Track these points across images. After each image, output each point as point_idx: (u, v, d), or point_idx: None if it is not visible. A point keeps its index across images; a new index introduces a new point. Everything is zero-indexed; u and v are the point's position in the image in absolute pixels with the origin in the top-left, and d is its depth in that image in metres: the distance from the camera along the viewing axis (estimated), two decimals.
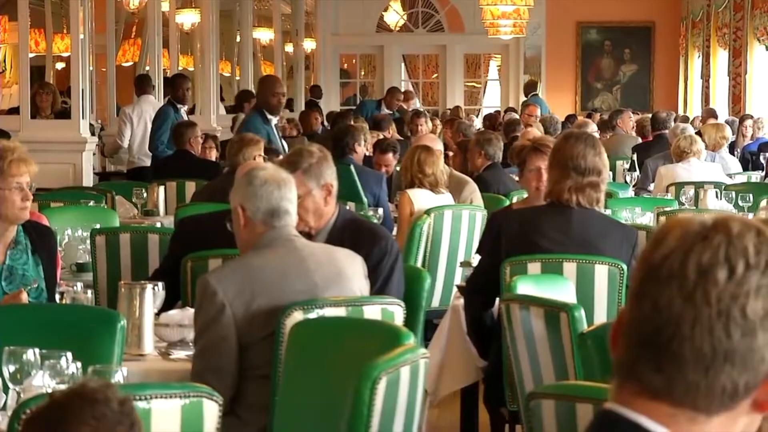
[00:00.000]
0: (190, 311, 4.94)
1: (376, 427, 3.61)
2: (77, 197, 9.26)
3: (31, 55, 12.74)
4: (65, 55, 15.42)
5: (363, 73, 27.32)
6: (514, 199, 9.17)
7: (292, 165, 5.47)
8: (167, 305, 5.30)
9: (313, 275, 4.72)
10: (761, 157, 14.31)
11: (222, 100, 19.20)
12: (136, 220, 9.41)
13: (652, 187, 11.30)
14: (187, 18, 18.98)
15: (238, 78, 20.65)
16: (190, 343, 4.86)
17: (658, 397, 1.77)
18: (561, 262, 5.72)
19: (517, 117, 16.75)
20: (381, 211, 8.73)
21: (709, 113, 17.39)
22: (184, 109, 13.17)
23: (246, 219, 4.76)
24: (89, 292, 5.48)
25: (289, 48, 23.64)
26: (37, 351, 3.96)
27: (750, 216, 2.19)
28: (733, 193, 9.79)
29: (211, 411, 3.41)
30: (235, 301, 4.57)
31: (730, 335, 1.73)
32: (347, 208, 5.94)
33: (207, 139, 11.78)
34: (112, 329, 4.49)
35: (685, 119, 17.84)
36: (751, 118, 15.95)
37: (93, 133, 12.47)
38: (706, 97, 21.73)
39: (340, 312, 4.69)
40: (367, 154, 10.53)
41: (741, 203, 9.37)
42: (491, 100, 26.52)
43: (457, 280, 7.90)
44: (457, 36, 26.31)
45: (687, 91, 24.20)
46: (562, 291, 5.39)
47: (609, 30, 25.85)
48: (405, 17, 26.70)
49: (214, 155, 11.73)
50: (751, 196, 9.56)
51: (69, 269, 6.99)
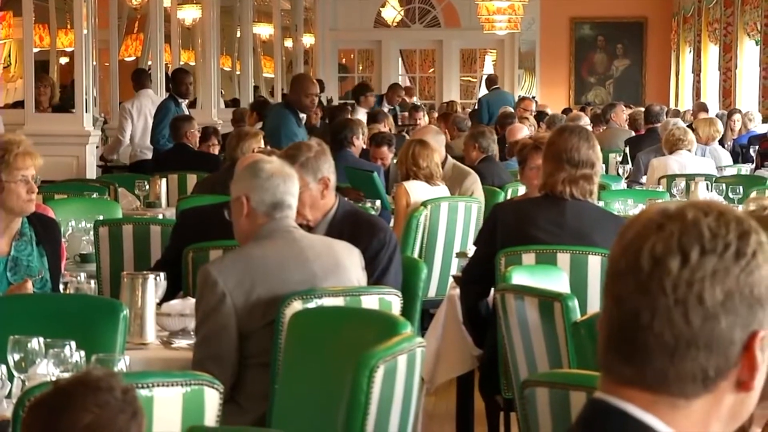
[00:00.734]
0: (191, 301, 4.94)
1: (374, 415, 3.61)
2: (81, 189, 9.26)
3: (35, 50, 12.72)
4: (69, 50, 15.37)
5: (361, 67, 27.32)
6: (509, 191, 9.19)
7: (291, 158, 5.47)
8: (169, 295, 5.30)
9: (312, 265, 4.73)
10: (751, 150, 14.33)
11: (221, 94, 19.19)
12: (138, 212, 9.42)
13: (644, 179, 11.31)
14: (189, 13, 18.96)
15: (238, 72, 20.62)
16: (192, 333, 4.86)
17: (635, 386, 1.76)
18: (555, 252, 5.73)
19: (512, 111, 16.74)
20: (378, 202, 8.73)
21: (700, 107, 17.38)
22: (184, 104, 13.15)
23: (249, 209, 4.76)
24: (92, 282, 5.48)
25: (288, 43, 23.62)
26: (41, 340, 3.96)
27: (739, 207, 2.18)
28: (724, 185, 9.80)
29: (212, 399, 3.41)
30: (235, 291, 4.57)
31: (689, 322, 1.72)
32: (346, 200, 5.93)
33: (209, 136, 11.74)
34: (114, 319, 4.49)
35: (676, 113, 17.85)
36: (739, 112, 15.96)
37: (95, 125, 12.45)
38: (697, 92, 21.74)
39: (339, 302, 4.69)
40: (364, 147, 10.53)
41: (731, 195, 9.39)
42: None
43: (453, 270, 7.91)
44: (453, 31, 26.30)
45: (678, 85, 24.21)
46: (556, 281, 5.39)
47: (602, 25, 25.85)
48: (402, 13, 26.70)
49: (217, 151, 11.70)
50: (741, 188, 9.58)
51: (73, 260, 6.99)
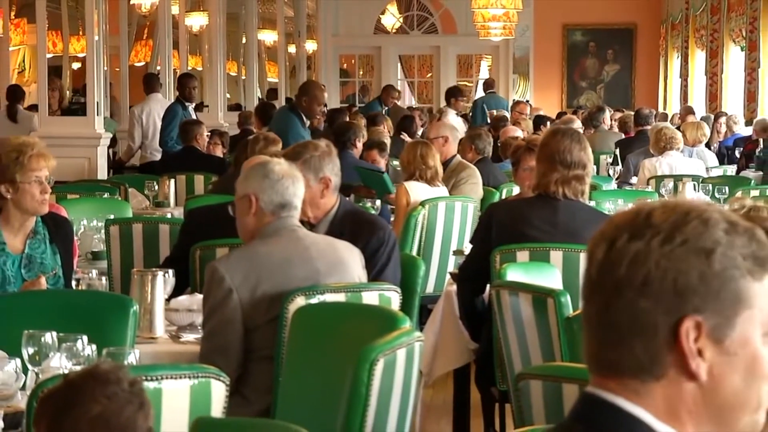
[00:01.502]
0: (199, 297, 4.94)
1: (374, 406, 3.61)
2: (92, 189, 9.27)
3: (48, 55, 12.71)
4: (81, 55, 15.37)
5: (362, 72, 27.31)
6: (504, 192, 9.20)
7: (295, 155, 5.48)
8: (177, 291, 5.30)
9: (316, 263, 4.73)
10: (736, 152, 14.34)
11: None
12: (147, 211, 9.41)
13: (634, 179, 11.31)
14: (196, 20, 18.94)
15: (243, 77, 20.63)
16: (199, 327, 4.86)
17: (603, 374, 1.76)
18: (548, 250, 5.73)
19: (506, 113, 16.76)
20: (378, 202, 8.77)
21: (688, 110, 17.39)
22: (191, 107, 13.16)
23: (257, 208, 4.75)
24: (104, 278, 5.48)
25: (291, 49, 23.61)
26: (54, 334, 3.96)
27: (725, 207, 2.17)
28: (710, 185, 9.81)
29: (218, 391, 3.41)
30: (241, 287, 4.57)
31: (609, 305, 1.71)
32: (347, 199, 5.94)
33: (213, 136, 11.77)
34: (125, 314, 4.49)
35: (665, 116, 17.86)
36: (726, 115, 15.96)
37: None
38: (684, 95, 21.73)
39: (340, 297, 4.69)
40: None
41: (717, 195, 9.39)
42: None
43: (450, 267, 7.90)
44: (450, 37, 26.29)
45: (666, 89, 24.20)
46: (549, 278, 5.39)
47: (593, 32, 25.84)
48: (401, 20, 26.69)
49: (219, 151, 11.72)
50: (726, 188, 9.58)
51: (85, 257, 6.98)
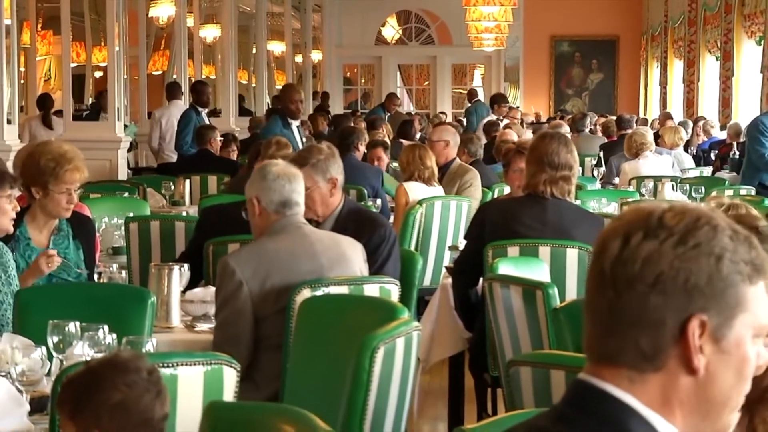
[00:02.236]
0: (212, 289, 4.93)
1: (375, 391, 3.60)
2: (113, 189, 9.26)
3: (72, 65, 12.73)
4: (103, 65, 15.37)
5: (363, 80, 27.30)
6: (496, 191, 9.19)
7: (303, 160, 5.47)
8: (192, 284, 5.29)
9: (320, 257, 4.72)
10: (712, 154, 14.33)
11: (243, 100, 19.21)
12: (164, 210, 9.40)
13: (616, 180, 11.31)
14: (210, 32, 18.95)
15: (254, 85, 20.62)
16: (212, 317, 4.85)
17: (600, 362, 1.75)
18: (537, 246, 5.72)
19: (496, 119, 16.77)
20: (379, 201, 8.82)
21: (666, 116, 17.38)
22: (204, 112, 13.15)
23: (261, 209, 4.75)
24: (123, 272, 5.47)
25: (298, 59, 23.61)
26: (77, 324, 3.95)
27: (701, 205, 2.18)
28: (688, 185, 9.81)
29: (230, 377, 3.40)
30: (251, 280, 4.56)
31: (620, 299, 1.70)
32: (351, 198, 5.93)
33: (229, 143, 11.75)
34: (143, 305, 4.48)
35: (645, 122, 17.84)
36: (705, 119, 15.97)
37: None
38: (663, 102, 21.73)
39: (343, 290, 4.68)
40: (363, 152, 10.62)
41: (694, 194, 9.38)
42: None
43: (446, 261, 7.89)
44: (446, 48, 26.29)
45: (647, 96, 24.19)
46: (538, 272, 5.38)
47: (579, 43, 25.83)
48: (400, 31, 26.68)
49: (234, 156, 11.71)
50: (702, 188, 9.59)
51: (106, 252, 6.97)
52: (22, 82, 17.94)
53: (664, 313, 1.69)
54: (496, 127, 15.14)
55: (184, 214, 8.54)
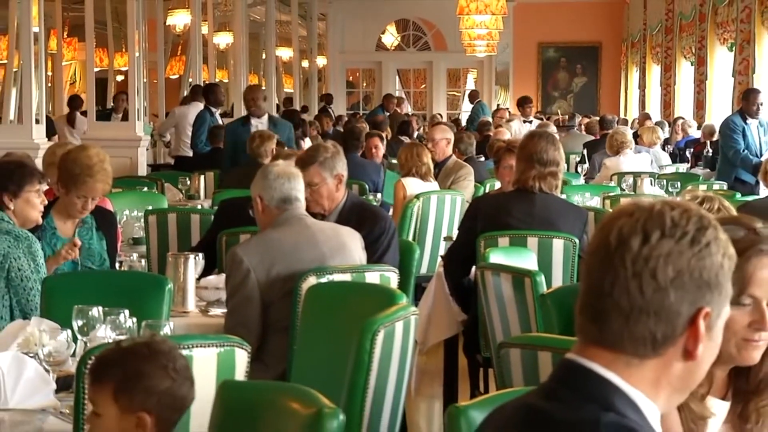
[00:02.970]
0: (225, 276, 4.92)
1: (375, 371, 3.59)
2: (133, 184, 9.25)
3: (96, 69, 12.70)
4: (124, 69, 15.37)
5: (365, 84, 27.27)
6: (487, 186, 9.19)
7: (311, 158, 5.46)
8: (206, 271, 5.28)
9: (322, 246, 4.72)
10: (687, 152, 14.32)
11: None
12: (181, 203, 9.40)
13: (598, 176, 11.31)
14: (223, 39, 18.92)
15: (264, 88, 20.58)
16: (225, 303, 4.84)
17: (598, 344, 1.75)
18: (525, 237, 5.72)
19: (489, 120, 16.76)
20: (379, 195, 8.84)
21: (645, 116, 17.37)
22: (218, 113, 13.13)
23: (263, 206, 4.76)
24: (143, 261, 5.47)
25: (305, 63, 23.57)
26: (100, 309, 3.94)
27: (677, 199, 2.18)
28: (665, 180, 9.81)
29: (241, 358, 3.39)
30: (257, 268, 4.56)
31: (643, 292, 1.71)
32: (354, 193, 5.91)
33: None
34: (161, 291, 4.47)
35: (625, 122, 17.83)
36: (683, 119, 15.96)
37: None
38: (642, 104, 21.72)
39: (346, 277, 4.68)
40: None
41: (671, 189, 9.38)
42: (469, 106, 26.47)
43: (441, 251, 7.88)
44: (441, 54, 26.26)
45: (627, 98, 24.18)
46: (526, 260, 5.38)
47: (564, 49, 25.80)
48: (399, 38, 26.65)
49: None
50: (678, 183, 9.59)
51: (127, 242, 6.97)
52: (50, 85, 17.94)
53: (680, 306, 1.72)
54: (489, 126, 15.12)
55: (199, 207, 8.54)
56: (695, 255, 1.72)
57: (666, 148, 14.13)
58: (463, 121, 21.32)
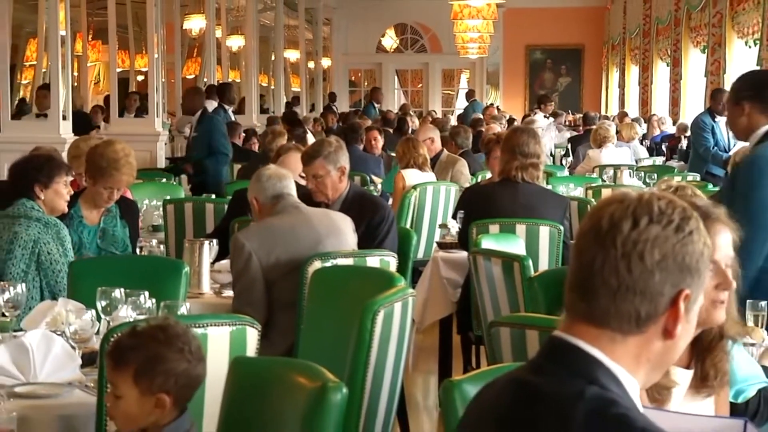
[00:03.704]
0: None
1: (376, 349, 3.59)
2: (153, 176, 9.25)
3: (118, 70, 12.66)
4: (144, 70, 15.34)
5: (366, 83, 27.22)
6: (480, 177, 9.18)
7: (316, 152, 5.46)
8: (220, 256, 5.28)
9: (317, 227, 4.75)
10: (663, 147, 14.31)
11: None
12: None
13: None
14: (235, 42, 18.88)
15: (272, 87, 20.57)
16: None
17: (585, 320, 1.75)
18: (514, 224, 5.73)
19: (481, 117, 16.73)
20: (380, 186, 8.84)
21: (624, 114, 17.36)
22: (231, 110, 13.09)
23: (260, 206, 4.82)
24: (161, 246, 5.47)
25: (310, 64, 23.54)
26: (122, 290, 3.94)
27: (654, 189, 2.21)
28: (643, 172, 9.81)
29: (252, 336, 3.39)
30: (258, 250, 4.58)
31: (630, 272, 1.71)
32: (356, 184, 5.91)
33: (251, 136, 11.72)
34: (178, 274, 4.47)
35: (606, 118, 17.80)
36: (657, 116, 15.94)
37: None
38: (621, 101, 21.69)
39: (349, 261, 4.68)
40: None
41: (648, 180, 9.38)
42: (462, 104, 26.45)
43: (437, 237, 7.87)
44: (437, 56, 26.22)
45: (608, 96, 24.16)
46: (515, 246, 5.38)
47: (550, 51, 25.76)
48: (397, 41, 26.61)
49: (256, 147, 11.69)
50: (655, 175, 9.59)
51: (147, 229, 6.97)
52: (75, 84, 17.90)
53: (664, 287, 1.73)
54: (481, 122, 15.11)
55: (213, 197, 8.54)
56: (680, 241, 1.73)
57: (643, 143, 14.12)
58: (454, 119, 21.25)
